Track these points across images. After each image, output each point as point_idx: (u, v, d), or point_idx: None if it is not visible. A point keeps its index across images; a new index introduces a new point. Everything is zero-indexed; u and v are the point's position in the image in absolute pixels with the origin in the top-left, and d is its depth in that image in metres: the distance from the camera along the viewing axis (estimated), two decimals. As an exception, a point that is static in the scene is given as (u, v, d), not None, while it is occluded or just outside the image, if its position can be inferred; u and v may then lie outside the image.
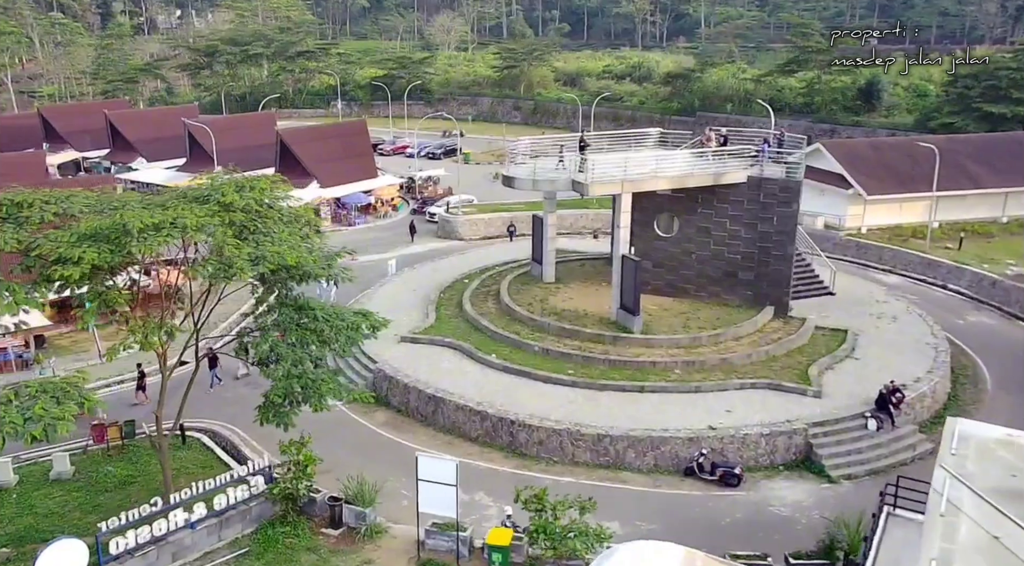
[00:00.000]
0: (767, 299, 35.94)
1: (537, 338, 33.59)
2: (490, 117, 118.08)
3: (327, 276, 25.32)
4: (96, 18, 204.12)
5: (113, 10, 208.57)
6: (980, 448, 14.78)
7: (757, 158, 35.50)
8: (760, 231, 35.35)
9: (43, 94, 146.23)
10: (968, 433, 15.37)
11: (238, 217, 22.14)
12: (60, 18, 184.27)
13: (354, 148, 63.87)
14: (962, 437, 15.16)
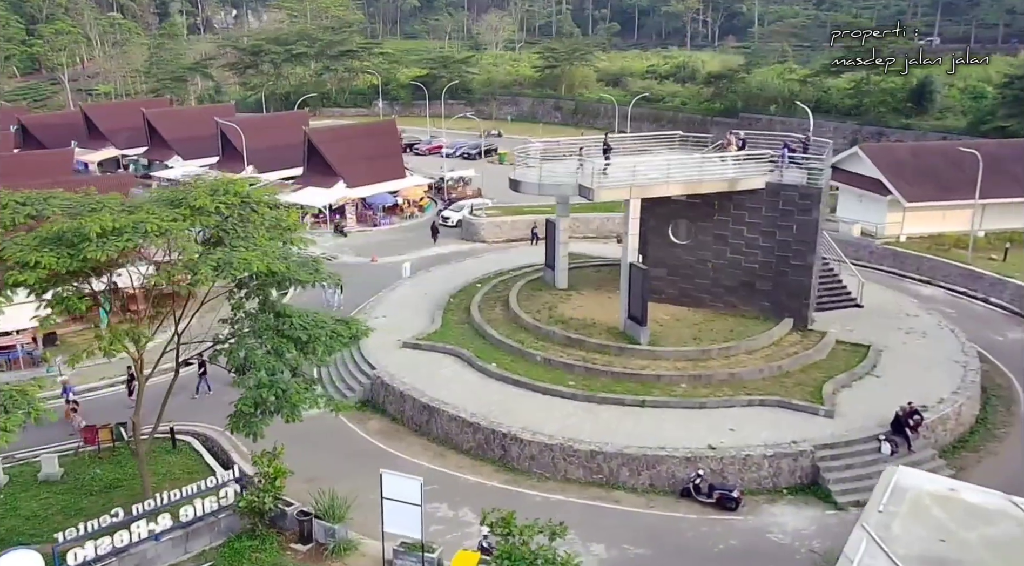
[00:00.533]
0: (785, 311, 34.35)
1: (540, 347, 32.58)
2: (530, 117, 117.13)
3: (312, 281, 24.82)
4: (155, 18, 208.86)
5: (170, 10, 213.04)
6: (914, 504, 13.10)
7: (777, 164, 33.93)
8: (778, 239, 33.78)
9: (100, 92, 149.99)
10: (905, 485, 13.66)
11: (211, 221, 21.63)
12: (119, 18, 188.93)
13: (383, 148, 63.51)
14: (897, 490, 13.49)
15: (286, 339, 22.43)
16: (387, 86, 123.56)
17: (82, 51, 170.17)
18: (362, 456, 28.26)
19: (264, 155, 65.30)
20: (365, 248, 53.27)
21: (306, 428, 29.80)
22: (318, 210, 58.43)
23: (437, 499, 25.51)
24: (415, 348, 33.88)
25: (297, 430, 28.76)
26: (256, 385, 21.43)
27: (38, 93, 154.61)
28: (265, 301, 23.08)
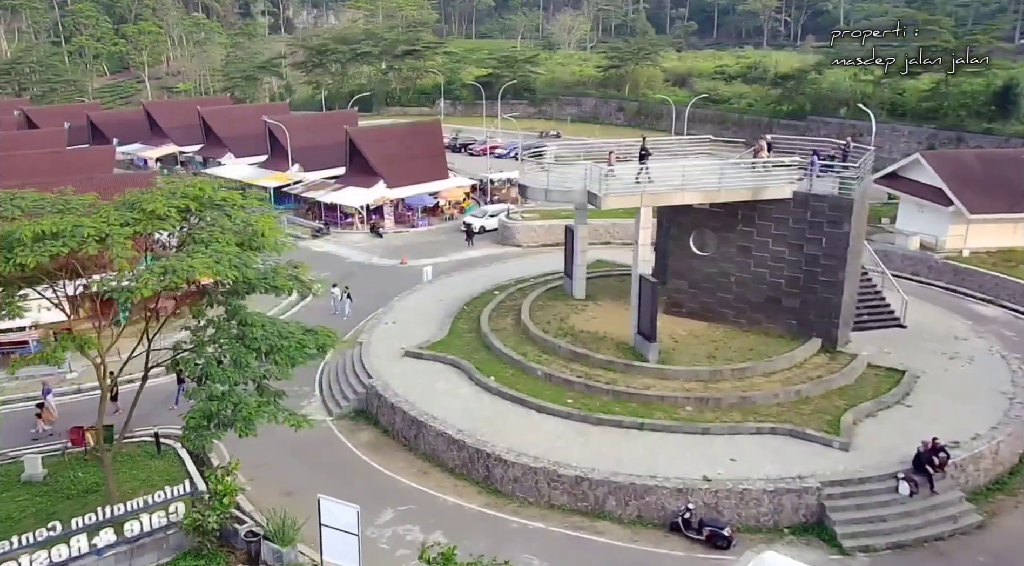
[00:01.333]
0: (813, 330, 31.91)
1: (544, 361, 31.01)
2: (592, 118, 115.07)
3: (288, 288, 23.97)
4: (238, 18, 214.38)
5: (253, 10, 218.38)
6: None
7: (806, 172, 31.53)
8: (806, 253, 31.35)
9: (179, 90, 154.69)
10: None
11: (166, 226, 20.88)
12: (202, 18, 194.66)
13: (425, 148, 62.76)
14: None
15: (247, 349, 21.53)
16: (450, 86, 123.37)
17: (168, 50, 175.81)
18: (345, 470, 27.27)
19: (310, 154, 65.35)
20: (397, 250, 52.50)
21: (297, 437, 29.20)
22: (355, 210, 58.05)
23: (410, 521, 24.35)
24: (417, 357, 32.75)
25: (287, 439, 28.19)
26: (208, 397, 20.56)
27: (124, 90, 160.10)
28: (230, 309, 22.20)
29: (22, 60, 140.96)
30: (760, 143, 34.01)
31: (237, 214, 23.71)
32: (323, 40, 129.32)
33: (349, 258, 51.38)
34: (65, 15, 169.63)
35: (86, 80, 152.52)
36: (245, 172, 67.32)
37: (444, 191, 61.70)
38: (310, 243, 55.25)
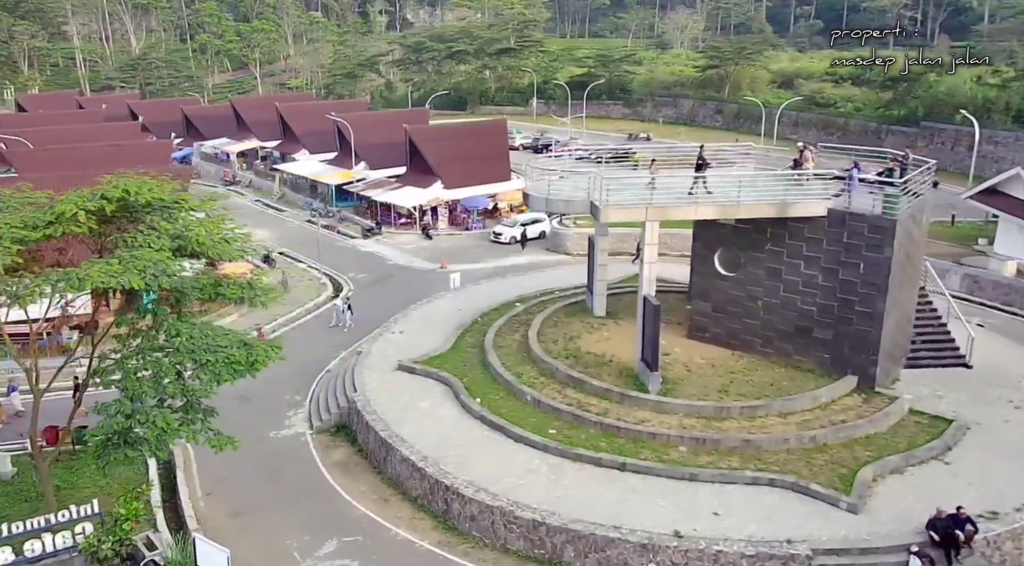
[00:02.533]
0: (848, 366, 28.13)
1: (538, 385, 28.57)
2: (689, 120, 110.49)
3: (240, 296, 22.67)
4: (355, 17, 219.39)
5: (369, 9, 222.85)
6: None
7: (845, 187, 27.78)
8: (841, 279, 27.61)
9: (292, 86, 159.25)
10: None
11: (82, 229, 19.79)
12: (318, 17, 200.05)
13: (488, 149, 60.95)
14: None
15: (170, 363, 20.24)
16: (545, 85, 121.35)
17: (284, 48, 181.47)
18: (305, 491, 25.71)
19: (376, 152, 64.72)
20: (442, 253, 50.92)
21: (269, 449, 28.07)
22: (407, 210, 56.92)
23: (353, 555, 22.52)
24: (410, 372, 30.93)
25: (259, 451, 27.04)
26: (115, 413, 19.36)
27: (242, 87, 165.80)
28: (156, 319, 20.99)
29: (147, 56, 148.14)
30: (805, 153, 30.28)
31: (185, 218, 22.58)
32: (420, 38, 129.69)
33: (391, 260, 50.19)
34: (191, 14, 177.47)
35: (205, 76, 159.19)
36: (314, 168, 67.49)
37: (502, 193, 59.69)
38: (358, 243, 54.51)
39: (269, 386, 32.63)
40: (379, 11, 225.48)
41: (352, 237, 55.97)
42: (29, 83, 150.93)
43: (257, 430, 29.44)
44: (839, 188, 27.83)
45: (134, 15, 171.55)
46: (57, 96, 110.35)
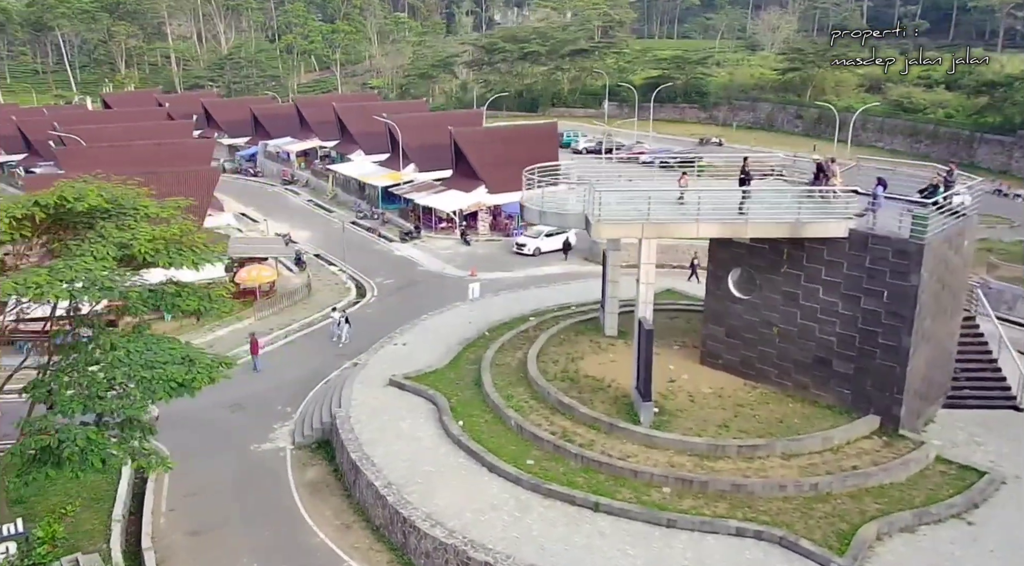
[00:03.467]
0: (871, 404, 25.30)
1: (526, 409, 26.76)
2: (767, 125, 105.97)
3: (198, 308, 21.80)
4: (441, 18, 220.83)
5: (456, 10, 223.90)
6: None
7: (870, 206, 24.97)
8: (863, 308, 24.82)
9: (372, 86, 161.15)
10: None
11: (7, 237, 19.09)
12: (403, 17, 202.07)
13: (536, 153, 58.57)
14: None
15: (104, 379, 19.40)
16: (619, 87, 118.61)
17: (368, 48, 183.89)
18: (268, 511, 24.65)
19: (426, 154, 63.90)
20: (476, 260, 49.49)
21: (247, 463, 27.20)
22: (447, 215, 55.75)
23: (299, 586, 21.30)
24: (400, 388, 29.58)
25: (236, 464, 26.21)
26: (38, 430, 18.59)
27: (325, 87, 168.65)
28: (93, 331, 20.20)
29: (232, 56, 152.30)
30: (833, 167, 27.44)
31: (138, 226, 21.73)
32: (493, 39, 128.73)
33: (422, 266, 49.08)
34: (280, 14, 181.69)
35: (290, 76, 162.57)
36: (365, 169, 67.15)
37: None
38: (394, 246, 53.63)
39: (266, 394, 32.04)
40: (466, 12, 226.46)
41: (391, 240, 55.18)
42: (126, 81, 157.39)
43: (240, 441, 28.69)
44: (863, 206, 25.02)
45: (226, 16, 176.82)
46: (139, 94, 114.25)
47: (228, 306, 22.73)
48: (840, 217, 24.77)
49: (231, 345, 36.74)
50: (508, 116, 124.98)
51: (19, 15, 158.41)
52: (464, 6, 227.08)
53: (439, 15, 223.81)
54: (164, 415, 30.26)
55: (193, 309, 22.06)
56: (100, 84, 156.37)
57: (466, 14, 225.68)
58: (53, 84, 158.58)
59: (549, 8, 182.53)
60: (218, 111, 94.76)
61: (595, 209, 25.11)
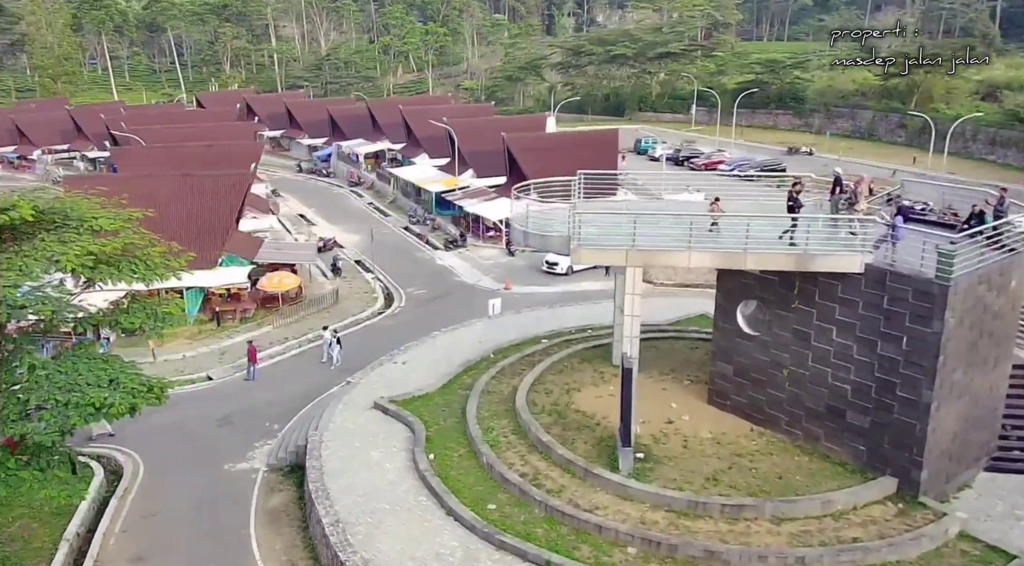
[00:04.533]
0: (887, 464, 22.14)
1: (503, 444, 24.76)
2: (868, 134, 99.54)
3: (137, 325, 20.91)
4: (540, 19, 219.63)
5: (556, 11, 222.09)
6: None
7: (889, 236, 21.78)
8: (880, 354, 21.69)
9: (466, 88, 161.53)
10: None
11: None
12: (501, 19, 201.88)
13: (594, 161, 56.35)
14: None
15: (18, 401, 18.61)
16: (708, 92, 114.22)
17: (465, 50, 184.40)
18: (221, 540, 23.52)
19: (484, 159, 62.41)
20: (515, 272, 47.60)
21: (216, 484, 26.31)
22: (494, 223, 54.05)
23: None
24: (383, 411, 28.05)
25: (206, 484, 25.47)
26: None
27: (419, 88, 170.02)
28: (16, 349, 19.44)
29: (329, 57, 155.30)
30: (860, 187, 24.13)
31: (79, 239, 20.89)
32: (579, 41, 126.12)
33: (459, 276, 47.53)
34: (380, 16, 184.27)
35: (385, 76, 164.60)
36: (423, 173, 66.25)
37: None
38: (437, 254, 52.30)
39: (259, 409, 31.23)
40: (567, 13, 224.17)
41: (436, 247, 53.93)
42: (230, 81, 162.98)
43: (217, 459, 27.82)
44: (882, 237, 21.85)
45: (328, 17, 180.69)
46: (230, 94, 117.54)
47: (179, 322, 21.69)
48: (856, 249, 21.68)
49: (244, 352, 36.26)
50: (592, 120, 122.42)
51: (136, 17, 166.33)
52: (566, 8, 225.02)
53: (539, 17, 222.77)
54: (151, 425, 29.92)
55: (136, 327, 21.15)
56: (207, 83, 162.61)
57: (568, 16, 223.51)
58: (166, 83, 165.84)
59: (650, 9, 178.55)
60: (299, 111, 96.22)
61: (575, 232, 22.86)
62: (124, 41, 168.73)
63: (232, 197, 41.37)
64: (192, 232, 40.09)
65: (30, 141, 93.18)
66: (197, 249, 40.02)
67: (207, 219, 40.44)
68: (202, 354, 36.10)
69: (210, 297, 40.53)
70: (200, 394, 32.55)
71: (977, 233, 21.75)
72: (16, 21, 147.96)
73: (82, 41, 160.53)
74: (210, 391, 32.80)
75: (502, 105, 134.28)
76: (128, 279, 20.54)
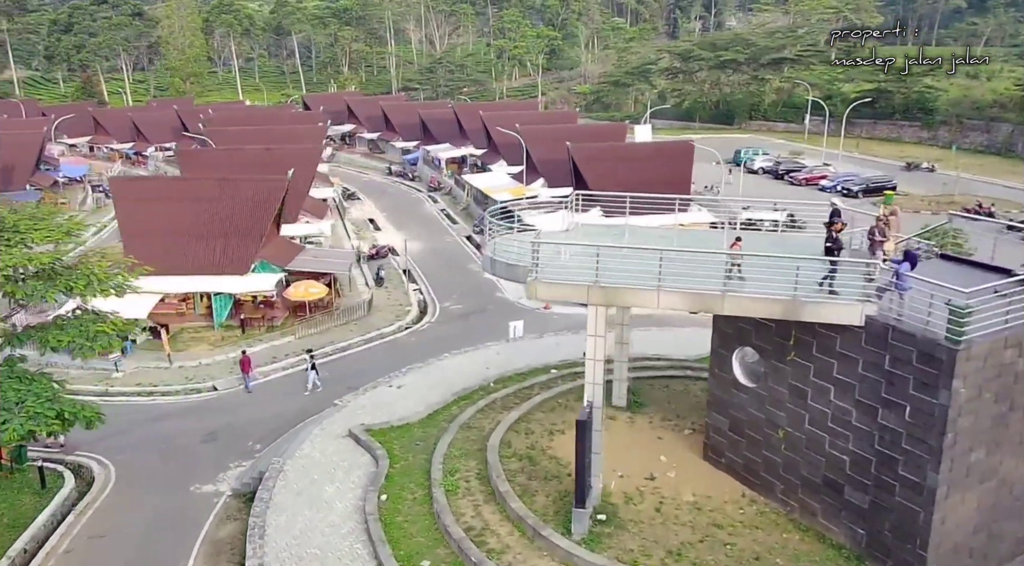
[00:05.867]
0: (888, 555, 18.58)
1: (458, 490, 22.58)
2: (1005, 150, 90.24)
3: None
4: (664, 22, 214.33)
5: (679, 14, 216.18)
6: None
7: (893, 283, 18.19)
8: (882, 424, 18.21)
9: (579, 92, 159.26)
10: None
11: None
12: (620, 23, 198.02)
13: (667, 174, 53.37)
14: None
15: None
16: (828, 100, 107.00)
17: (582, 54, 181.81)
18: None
19: (557, 169, 59.97)
20: (562, 290, 45.04)
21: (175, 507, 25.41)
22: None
23: None
24: (356, 440, 26.37)
25: (167, 505, 24.72)
26: None
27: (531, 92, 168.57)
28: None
29: (442, 60, 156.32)
30: (889, 216, 20.46)
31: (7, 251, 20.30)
32: (689, 46, 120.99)
33: (501, 292, 45.34)
34: (497, 20, 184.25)
35: (495, 80, 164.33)
36: (493, 181, 64.46)
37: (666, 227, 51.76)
38: (488, 267, 50.37)
39: (247, 426, 30.33)
40: (695, 16, 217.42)
41: (489, 260, 52.02)
42: (347, 83, 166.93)
43: (189, 478, 26.88)
44: (886, 282, 18.26)
45: (445, 21, 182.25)
46: (332, 96, 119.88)
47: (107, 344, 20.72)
48: (855, 298, 18.22)
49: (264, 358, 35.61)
50: (700, 128, 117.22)
51: (263, 20, 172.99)
52: (693, 11, 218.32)
53: (663, 20, 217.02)
54: (139, 436, 29.52)
55: (63, 346, 20.35)
56: (326, 85, 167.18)
57: (695, 19, 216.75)
58: (290, 84, 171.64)
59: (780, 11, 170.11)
60: (394, 114, 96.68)
61: (532, 263, 20.40)
62: (252, 43, 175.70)
63: (268, 203, 40.92)
64: (225, 236, 39.90)
65: (145, 138, 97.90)
66: (229, 254, 40.08)
67: (242, 224, 40.12)
68: (218, 362, 35.66)
69: (243, 303, 40.21)
70: (198, 405, 31.94)
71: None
72: (154, 24, 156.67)
73: (216, 44, 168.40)
74: (208, 403, 32.15)
75: (608, 111, 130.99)
76: (51, 296, 19.73)
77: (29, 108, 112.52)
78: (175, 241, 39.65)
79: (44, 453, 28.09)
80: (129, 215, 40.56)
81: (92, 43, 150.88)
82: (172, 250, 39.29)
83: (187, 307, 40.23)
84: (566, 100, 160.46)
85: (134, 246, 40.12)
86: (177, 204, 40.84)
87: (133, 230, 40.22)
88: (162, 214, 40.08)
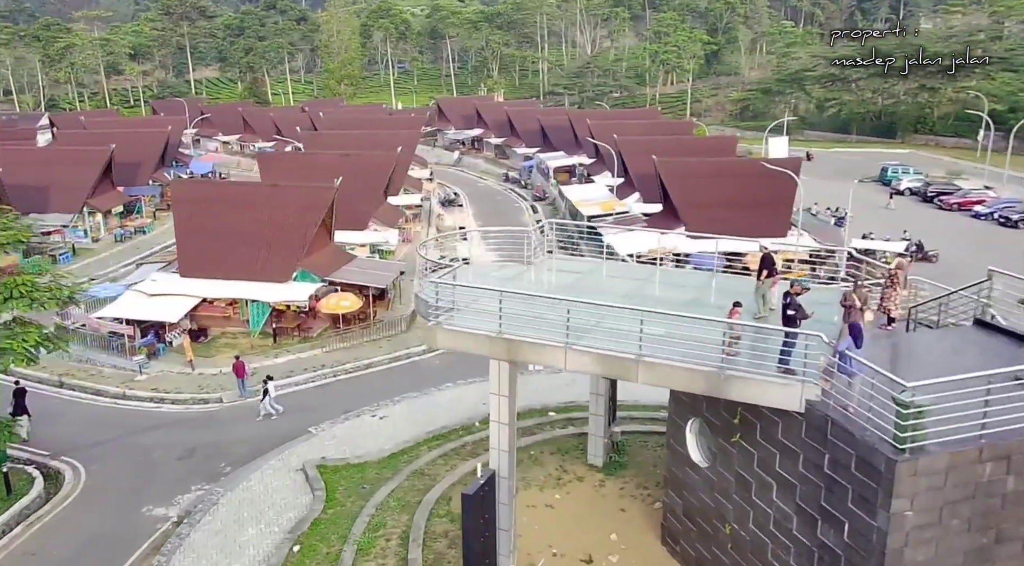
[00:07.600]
0: None
1: (373, 550, 20.18)
2: None
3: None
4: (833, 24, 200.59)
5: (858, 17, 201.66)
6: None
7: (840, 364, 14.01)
8: (820, 539, 14.16)
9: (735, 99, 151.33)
10: None
11: None
12: (789, 26, 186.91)
13: (764, 195, 48.19)
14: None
15: None
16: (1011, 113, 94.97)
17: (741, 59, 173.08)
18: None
19: (653, 183, 55.99)
20: None
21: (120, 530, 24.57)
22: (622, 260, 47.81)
23: None
24: (305, 477, 24.51)
25: (112, 528, 24.22)
26: None
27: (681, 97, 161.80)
28: None
29: (588, 65, 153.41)
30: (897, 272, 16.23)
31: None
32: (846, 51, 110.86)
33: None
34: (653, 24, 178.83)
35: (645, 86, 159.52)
36: (586, 194, 60.94)
37: (753, 253, 46.69)
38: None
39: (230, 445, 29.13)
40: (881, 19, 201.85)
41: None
42: (495, 86, 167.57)
43: (147, 497, 25.81)
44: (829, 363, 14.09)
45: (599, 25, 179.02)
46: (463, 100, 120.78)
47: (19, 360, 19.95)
48: (793, 378, 14.22)
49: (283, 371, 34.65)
50: (856, 141, 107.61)
51: (419, 25, 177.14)
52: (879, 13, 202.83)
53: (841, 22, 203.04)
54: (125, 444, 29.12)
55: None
56: (477, 88, 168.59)
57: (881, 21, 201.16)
58: (444, 87, 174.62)
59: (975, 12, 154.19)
60: (518, 120, 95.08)
61: (432, 306, 17.62)
62: (408, 47, 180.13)
63: (315, 211, 40.11)
64: (269, 243, 39.39)
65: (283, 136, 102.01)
66: (270, 261, 39.55)
67: (286, 231, 39.49)
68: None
69: (283, 311, 39.61)
70: (194, 417, 31.20)
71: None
72: (316, 28, 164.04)
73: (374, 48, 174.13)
74: (206, 415, 31.38)
75: (757, 121, 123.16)
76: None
77: (191, 107, 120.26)
78: (223, 244, 39.59)
79: (30, 454, 28.22)
80: (184, 216, 40.96)
81: (260, 47, 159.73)
82: (220, 253, 39.28)
83: (234, 311, 40.09)
84: (721, 107, 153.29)
85: (186, 247, 40.71)
86: (228, 208, 40.88)
87: (187, 231, 40.57)
88: (213, 217, 40.18)
